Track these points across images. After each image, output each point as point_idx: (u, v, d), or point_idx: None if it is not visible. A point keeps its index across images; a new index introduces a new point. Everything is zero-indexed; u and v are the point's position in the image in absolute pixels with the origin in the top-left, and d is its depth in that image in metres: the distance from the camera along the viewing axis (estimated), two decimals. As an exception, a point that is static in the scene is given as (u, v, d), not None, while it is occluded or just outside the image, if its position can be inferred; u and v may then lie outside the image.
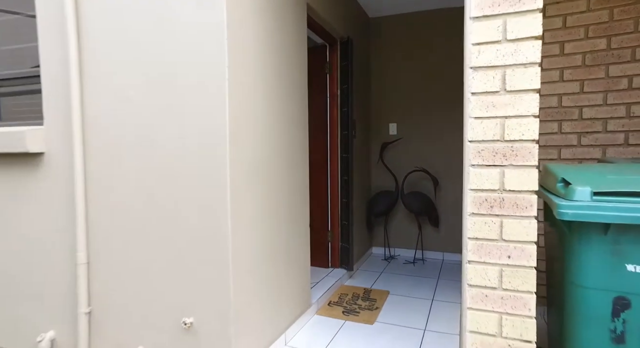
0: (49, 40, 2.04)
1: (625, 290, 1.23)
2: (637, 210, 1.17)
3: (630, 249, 1.22)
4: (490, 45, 1.30)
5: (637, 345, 1.22)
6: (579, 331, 1.31)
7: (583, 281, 1.29)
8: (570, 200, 1.28)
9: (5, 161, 2.18)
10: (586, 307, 1.29)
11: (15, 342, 2.21)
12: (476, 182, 1.33)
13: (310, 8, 2.61)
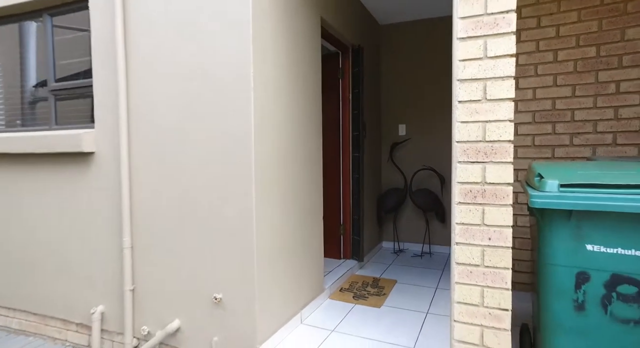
0: (101, 55, 2.38)
1: (586, 266, 1.47)
2: (594, 199, 1.40)
3: (589, 232, 1.45)
4: (474, 62, 1.55)
5: (594, 311, 1.45)
6: (550, 303, 1.55)
7: (552, 260, 1.53)
8: (541, 191, 1.52)
9: (63, 159, 2.53)
10: (555, 281, 1.53)
11: (73, 314, 2.56)
12: (462, 176, 1.58)
13: (324, 21, 2.89)
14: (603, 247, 1.44)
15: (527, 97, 2.73)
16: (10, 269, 2.81)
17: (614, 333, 1.44)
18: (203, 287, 2.16)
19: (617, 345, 1.44)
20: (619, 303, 1.43)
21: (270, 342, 2.15)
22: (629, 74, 2.44)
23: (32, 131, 2.79)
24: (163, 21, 2.19)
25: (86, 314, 2.51)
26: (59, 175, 2.56)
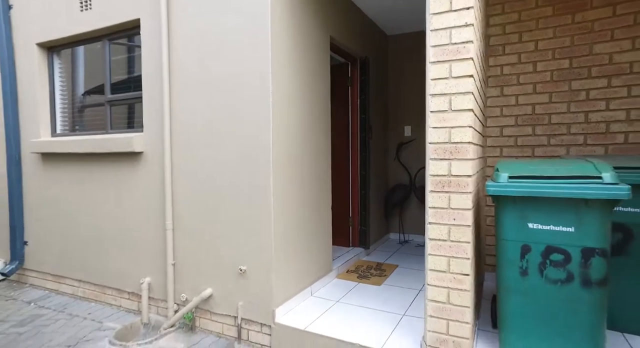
0: (149, 72, 2.92)
1: (528, 240, 1.87)
2: (532, 187, 1.81)
3: (530, 213, 1.86)
4: (442, 80, 1.97)
5: (533, 276, 1.86)
6: (503, 270, 1.96)
7: (504, 236, 1.94)
8: (496, 182, 1.94)
9: (118, 158, 3.10)
10: (506, 253, 1.94)
11: (126, 285, 3.12)
12: (433, 170, 2.01)
13: (333, 38, 3.35)
14: (540, 224, 1.85)
15: (510, 103, 3.11)
16: (78, 248, 3.41)
17: (547, 292, 1.84)
18: (230, 261, 2.66)
19: (550, 301, 1.84)
20: (551, 268, 1.83)
21: (284, 306, 2.62)
22: (596, 84, 2.79)
23: (92, 135, 3.38)
24: (198, 45, 2.70)
25: (136, 284, 3.06)
26: (116, 171, 3.13)
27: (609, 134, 2.78)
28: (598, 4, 2.76)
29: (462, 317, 1.96)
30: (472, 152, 1.94)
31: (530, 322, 1.90)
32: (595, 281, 1.77)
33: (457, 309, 1.96)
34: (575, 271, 1.80)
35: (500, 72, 3.14)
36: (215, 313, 2.74)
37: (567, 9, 2.86)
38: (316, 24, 3.02)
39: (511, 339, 1.96)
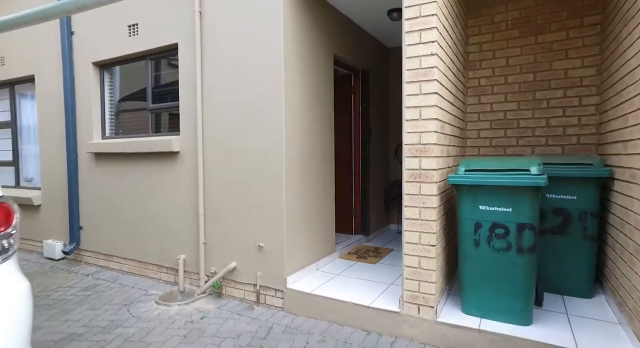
0: (185, 86, 3.60)
1: (479, 219, 2.45)
2: (481, 178, 2.38)
3: (480, 197, 2.43)
4: (414, 96, 2.56)
5: (483, 246, 2.43)
6: (462, 243, 2.54)
7: (462, 215, 2.52)
8: (456, 174, 2.52)
9: (159, 156, 3.78)
10: (464, 229, 2.52)
11: (164, 261, 3.81)
12: (408, 165, 2.60)
13: (337, 55, 3.96)
14: (487, 206, 2.42)
15: (486, 110, 3.66)
16: (124, 231, 4.12)
17: (493, 258, 2.42)
18: (251, 239, 3.30)
19: (495, 265, 2.41)
20: (495, 239, 2.41)
21: (294, 276, 3.25)
22: (555, 94, 3.33)
23: (135, 137, 4.08)
24: (225, 68, 3.35)
25: (173, 260, 3.74)
26: (156, 167, 3.82)
27: (565, 136, 3.31)
28: (555, 29, 3.30)
29: (429, 278, 2.55)
30: (436, 151, 2.53)
31: (482, 281, 2.48)
32: (526, 248, 2.33)
33: (426, 272, 2.55)
34: (512, 241, 2.37)
35: (477, 84, 3.69)
36: (238, 282, 3.39)
37: (531, 32, 3.41)
38: (321, 46, 3.65)
39: (468, 295, 2.54)
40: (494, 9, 3.56)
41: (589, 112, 3.20)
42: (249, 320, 2.95)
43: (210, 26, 3.41)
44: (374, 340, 2.61)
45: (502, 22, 3.53)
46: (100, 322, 2.95)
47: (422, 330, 2.55)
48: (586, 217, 2.72)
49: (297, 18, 3.26)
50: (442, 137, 2.66)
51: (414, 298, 2.60)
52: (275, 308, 3.17)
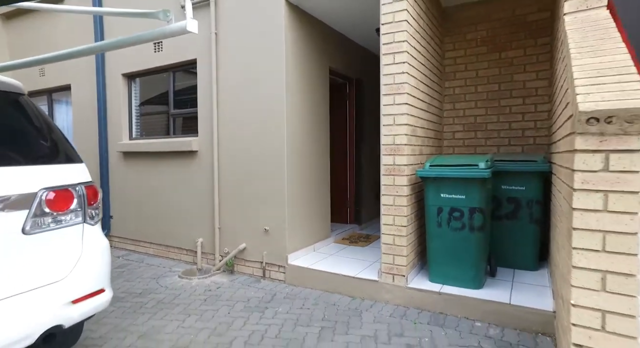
0: (203, 94, 4.24)
1: (441, 204, 3.06)
2: (442, 171, 2.99)
3: (441, 187, 3.04)
4: (389, 106, 3.18)
5: (444, 226, 3.04)
6: (428, 224, 3.15)
7: (428, 202, 3.13)
8: (424, 168, 3.13)
9: (180, 155, 4.43)
10: (430, 213, 3.13)
11: (185, 244, 4.46)
12: (385, 161, 3.21)
13: (332, 67, 4.58)
14: (447, 194, 3.03)
15: (460, 115, 4.25)
16: (149, 220, 4.78)
17: (452, 236, 3.02)
18: (258, 224, 3.94)
19: (453, 241, 3.02)
20: (453, 221, 3.01)
21: (294, 255, 3.87)
22: (515, 102, 3.91)
23: (159, 138, 4.73)
24: (236, 76, 3.99)
25: (192, 244, 4.39)
26: (177, 164, 4.47)
27: (524, 137, 3.89)
28: (515, 47, 3.88)
29: (402, 252, 3.16)
30: (407, 150, 3.14)
31: (443, 255, 3.09)
32: (476, 228, 2.94)
33: (399, 248, 3.17)
34: (466, 222, 2.97)
35: (453, 92, 4.29)
36: (247, 260, 4.03)
37: (496, 49, 3.99)
38: (317, 60, 4.27)
39: (433, 267, 3.15)
40: (466, 29, 4.15)
41: (543, 117, 3.79)
42: (257, 290, 3.59)
43: (224, 45, 4.05)
44: (357, 303, 3.23)
45: (473, 40, 4.12)
46: (135, 290, 3.61)
47: (396, 295, 3.17)
48: (532, 204, 3.31)
49: (296, 38, 3.88)
50: (412, 139, 3.27)
51: (390, 269, 3.21)
52: (278, 281, 3.80)
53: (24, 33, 6.07)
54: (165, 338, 2.69)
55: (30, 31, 5.96)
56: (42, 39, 5.73)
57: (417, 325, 2.80)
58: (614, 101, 1.50)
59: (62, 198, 1.82)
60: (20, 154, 1.76)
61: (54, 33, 5.57)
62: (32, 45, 5.90)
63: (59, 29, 5.50)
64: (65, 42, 5.34)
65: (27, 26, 6.00)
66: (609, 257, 1.54)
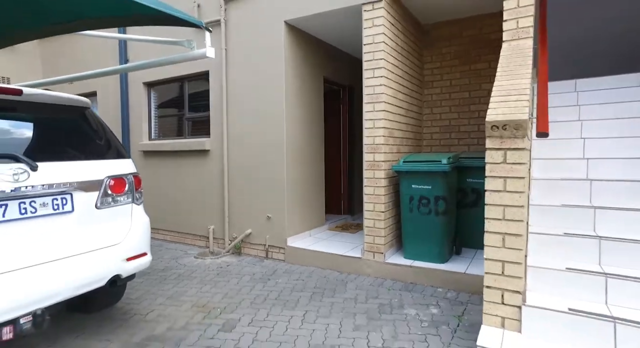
0: (215, 101, 4.92)
1: (412, 194, 3.71)
2: (413, 166, 3.64)
3: (413, 179, 3.69)
4: (370, 112, 3.83)
5: (415, 212, 3.68)
6: (402, 210, 3.80)
7: (402, 191, 3.78)
8: (398, 164, 3.78)
9: (195, 153, 5.12)
10: (404, 200, 3.78)
11: (198, 231, 5.14)
12: (366, 159, 3.87)
13: (326, 77, 5.23)
14: (417, 185, 3.68)
15: (436, 118, 4.89)
16: (167, 210, 5.48)
17: (421, 220, 3.67)
18: (261, 212, 4.61)
19: (422, 224, 3.67)
20: (422, 207, 3.66)
21: (292, 238, 4.54)
22: (483, 107, 4.55)
23: (175, 139, 5.42)
24: (243, 85, 4.66)
25: (205, 230, 5.07)
26: (193, 161, 5.16)
27: (490, 138, 4.53)
28: (482, 60, 4.52)
29: (380, 234, 3.81)
30: (384, 149, 3.79)
31: (414, 235, 3.74)
32: (440, 212, 3.59)
33: (378, 230, 3.82)
34: (432, 208, 3.62)
35: (431, 98, 4.93)
36: (252, 243, 4.70)
37: (466, 62, 4.63)
38: (313, 71, 4.93)
39: (406, 245, 3.80)
40: (442, 44, 4.79)
41: (505, 121, 4.41)
42: (261, 267, 4.27)
43: (232, 59, 4.72)
44: (344, 276, 3.89)
45: (447, 53, 4.75)
46: (159, 267, 4.30)
47: (376, 269, 3.83)
48: (491, 194, 3.94)
49: (294, 53, 4.55)
50: (390, 139, 3.93)
51: (371, 248, 3.87)
52: (278, 261, 4.48)
53: (56, 51, 6.80)
54: (187, 299, 3.37)
55: (62, 49, 6.68)
56: (72, 55, 6.45)
57: (390, 291, 3.46)
58: (508, 115, 2.15)
59: (119, 184, 2.50)
60: (90, 152, 2.44)
61: (81, 50, 6.29)
62: (63, 61, 6.62)
63: (86, 46, 6.20)
64: (92, 57, 6.05)
65: (59, 45, 6.72)
66: (507, 223, 2.20)
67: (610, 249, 2.32)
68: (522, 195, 2.15)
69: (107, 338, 2.65)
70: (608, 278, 2.16)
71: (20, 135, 2.16)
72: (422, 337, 2.62)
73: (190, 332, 2.76)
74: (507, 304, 2.23)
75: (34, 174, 2.04)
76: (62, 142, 2.33)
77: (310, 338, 2.62)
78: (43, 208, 2.08)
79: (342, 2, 3.89)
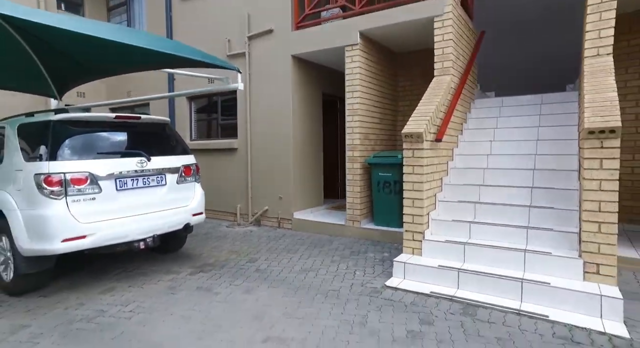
0: (241, 108, 6.61)
1: (379, 180, 5.29)
2: (380, 159, 5.22)
3: (379, 169, 5.26)
4: (350, 122, 5.42)
5: (382, 192, 5.26)
6: (373, 191, 5.39)
7: (372, 178, 5.37)
8: (370, 158, 5.37)
9: (227, 151, 6.84)
10: (373, 184, 5.36)
11: (228, 208, 6.87)
12: (347, 154, 5.47)
13: (324, 91, 6.83)
14: (382, 173, 5.26)
15: (408, 124, 6.43)
16: (206, 192, 7.23)
17: (385, 197, 5.26)
18: (275, 193, 6.27)
19: (386, 201, 5.25)
20: (385, 189, 5.24)
21: (297, 213, 6.18)
22: (439, 116, 6.05)
23: (210, 140, 7.16)
24: (261, 99, 6.31)
25: (233, 208, 6.78)
26: (225, 156, 6.87)
27: (445, 139, 6.04)
28: (438, 80, 6.01)
29: (357, 207, 5.42)
30: (360, 147, 5.39)
31: (381, 209, 5.32)
32: (397, 192, 5.15)
33: (356, 204, 5.42)
34: (392, 189, 5.19)
35: (403, 109, 6.46)
36: (268, 217, 6.38)
37: (429, 80, 6.13)
38: (313, 87, 6.55)
39: (376, 216, 5.40)
40: (411, 66, 6.31)
41: (455, 126, 5.91)
42: (274, 232, 5.94)
43: (254, 80, 6.38)
44: (332, 237, 5.52)
45: (416, 73, 6.28)
46: (202, 232, 6.03)
47: (354, 232, 5.43)
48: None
49: (299, 75, 6.17)
50: (365, 141, 5.51)
51: (351, 218, 5.48)
52: (287, 229, 6.14)
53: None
54: (225, 248, 5.07)
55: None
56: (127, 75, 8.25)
57: (361, 245, 5.06)
58: (414, 128, 3.72)
59: (187, 169, 4.19)
60: (172, 150, 4.13)
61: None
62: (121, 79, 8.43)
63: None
64: (143, 74, 7.84)
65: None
66: (414, 193, 3.77)
67: (483, 210, 3.86)
68: (422, 175, 3.72)
69: (179, 265, 4.37)
70: (471, 224, 3.71)
71: (141, 141, 3.87)
72: (372, 265, 4.22)
73: (229, 262, 4.45)
74: (415, 240, 3.81)
75: (149, 163, 3.75)
76: (160, 144, 4.04)
77: (303, 265, 4.27)
78: (153, 182, 3.80)
79: (330, 44, 5.48)
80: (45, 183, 3.15)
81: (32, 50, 3.95)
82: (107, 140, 3.67)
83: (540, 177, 4.00)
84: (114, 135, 3.74)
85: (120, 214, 3.53)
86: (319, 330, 2.76)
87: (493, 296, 3.18)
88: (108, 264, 4.39)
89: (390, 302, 3.23)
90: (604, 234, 2.88)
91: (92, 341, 2.69)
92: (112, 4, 8.95)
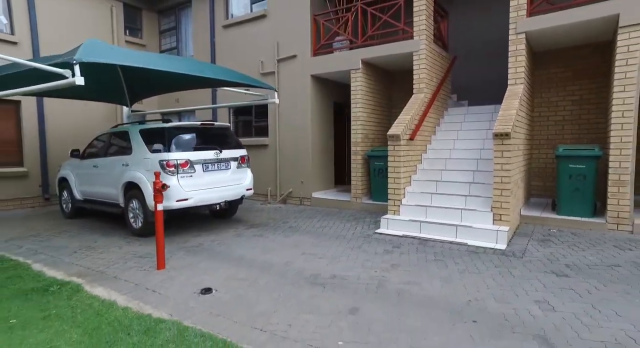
0: (271, 115, 8.62)
1: (375, 168, 7.23)
2: (377, 153, 7.16)
3: (376, 160, 7.19)
4: (354, 125, 7.38)
5: (378, 177, 7.21)
6: (371, 176, 7.34)
7: (370, 166, 7.32)
8: (368, 152, 7.31)
9: (260, 147, 8.86)
10: (371, 171, 7.31)
11: (261, 191, 8.90)
12: (352, 149, 7.43)
13: (335, 101, 8.79)
14: (377, 163, 7.22)
15: (399, 126, 8.37)
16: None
17: (380, 181, 7.22)
18: (297, 178, 8.26)
19: (380, 183, 7.21)
20: (380, 174, 7.20)
21: (315, 193, 8.15)
22: (422, 120, 7.97)
23: (248, 138, 9.19)
24: (287, 107, 8.29)
25: (265, 190, 8.79)
26: (258, 151, 8.88)
27: (427, 137, 7.96)
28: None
29: (359, 188, 7.39)
30: (361, 144, 7.35)
31: (377, 188, 7.27)
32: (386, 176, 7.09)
33: (359, 185, 7.40)
34: (384, 175, 7.13)
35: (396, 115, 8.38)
36: (292, 196, 8.39)
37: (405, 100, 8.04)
38: (326, 98, 8.52)
39: (373, 194, 7.37)
40: (402, 81, 8.22)
41: (434, 128, 7.83)
42: (297, 208, 7.95)
43: (281, 92, 8.37)
44: (340, 210, 7.50)
45: (405, 87, 8.19)
46: (244, 207, 8.07)
47: (356, 206, 7.40)
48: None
49: (316, 89, 8.13)
50: (366, 139, 7.46)
51: (355, 195, 7.45)
52: (307, 205, 8.14)
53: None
54: (264, 216, 7.09)
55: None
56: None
57: (361, 214, 7.03)
58: (394, 131, 5.67)
59: (243, 159, 6.20)
60: (233, 145, 6.14)
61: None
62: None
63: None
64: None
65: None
66: (395, 174, 5.74)
67: (442, 186, 5.79)
68: (400, 162, 5.66)
69: (235, 225, 6.40)
70: (432, 195, 5.66)
71: (215, 139, 5.89)
72: (368, 224, 6.19)
73: (270, 222, 6.47)
74: (395, 205, 5.76)
75: (221, 154, 5.77)
76: (225, 141, 6.06)
77: (321, 224, 6.26)
78: (223, 166, 5.82)
79: (339, 68, 7.44)
80: (166, 166, 5.19)
81: (123, 77, 6.05)
82: (196, 138, 5.70)
83: (482, 164, 5.91)
84: (200, 136, 5.77)
85: (206, 186, 5.56)
86: (332, 250, 4.75)
87: (440, 236, 5.13)
88: (190, 227, 6.45)
89: (377, 239, 5.21)
90: (504, 197, 4.80)
91: (204, 254, 4.72)
92: (163, 28, 11.01)
